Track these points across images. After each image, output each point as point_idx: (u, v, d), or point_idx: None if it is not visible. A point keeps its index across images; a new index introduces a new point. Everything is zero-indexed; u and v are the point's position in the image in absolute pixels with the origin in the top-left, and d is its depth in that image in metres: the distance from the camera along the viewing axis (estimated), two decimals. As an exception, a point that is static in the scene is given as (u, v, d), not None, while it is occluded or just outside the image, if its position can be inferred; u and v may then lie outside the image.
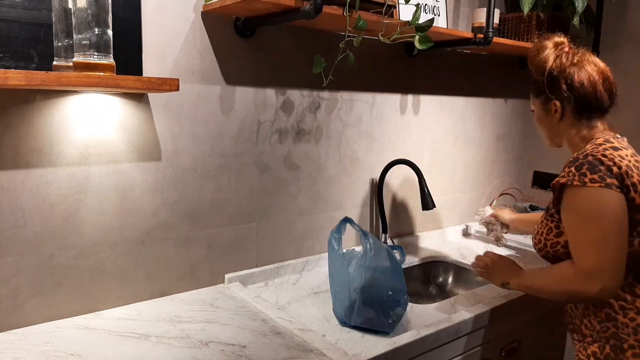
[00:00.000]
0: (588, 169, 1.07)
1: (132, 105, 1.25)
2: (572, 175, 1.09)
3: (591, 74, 1.16)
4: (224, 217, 1.45)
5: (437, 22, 1.62)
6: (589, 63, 1.17)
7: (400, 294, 1.22)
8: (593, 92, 1.16)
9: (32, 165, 1.13)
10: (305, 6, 1.19)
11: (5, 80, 0.89)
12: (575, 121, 1.20)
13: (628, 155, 1.11)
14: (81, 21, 0.98)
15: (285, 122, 1.53)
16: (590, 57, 1.19)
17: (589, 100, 1.17)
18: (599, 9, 2.03)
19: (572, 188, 1.09)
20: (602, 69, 1.18)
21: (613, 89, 1.19)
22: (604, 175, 1.06)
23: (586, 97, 1.16)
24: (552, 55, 1.20)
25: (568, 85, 1.17)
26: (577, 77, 1.16)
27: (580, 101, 1.17)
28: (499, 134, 2.25)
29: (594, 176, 1.06)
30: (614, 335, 1.11)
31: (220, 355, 1.06)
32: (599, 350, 1.13)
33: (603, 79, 1.17)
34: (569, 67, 1.17)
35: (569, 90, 1.17)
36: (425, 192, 1.63)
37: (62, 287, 1.21)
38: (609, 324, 1.12)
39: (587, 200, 1.07)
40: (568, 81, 1.17)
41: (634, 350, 1.08)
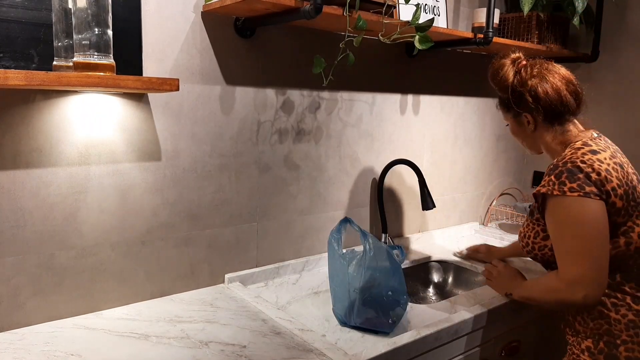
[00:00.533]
0: (567, 177, 1.09)
1: (132, 105, 1.25)
2: (552, 185, 1.11)
3: (553, 82, 1.19)
4: (224, 217, 1.45)
5: (437, 22, 1.62)
6: (549, 72, 1.20)
7: (400, 294, 1.22)
8: (559, 99, 1.18)
9: (32, 165, 1.13)
10: (305, 6, 1.19)
11: (5, 80, 0.89)
12: (548, 128, 1.23)
13: (607, 159, 1.13)
14: (81, 21, 0.98)
15: (285, 122, 1.53)
16: (549, 66, 1.22)
17: (556, 108, 1.19)
18: (599, 9, 2.03)
19: (552, 197, 1.11)
20: (563, 75, 1.21)
21: (578, 90, 1.21)
22: (582, 183, 1.08)
23: (553, 104, 1.19)
24: (511, 72, 1.23)
25: (533, 97, 1.19)
26: (540, 88, 1.18)
27: (549, 110, 1.20)
28: (499, 134, 2.25)
29: (572, 185, 1.08)
30: (608, 331, 1.13)
31: (220, 355, 1.06)
32: (593, 345, 1.15)
33: (566, 84, 1.19)
34: (530, 79, 1.20)
35: (535, 102, 1.19)
36: (425, 192, 1.63)
37: (62, 287, 1.21)
38: (602, 321, 1.14)
39: (567, 209, 1.09)
40: (532, 93, 1.19)
41: (626, 345, 1.10)
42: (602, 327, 1.14)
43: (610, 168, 1.11)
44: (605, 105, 2.11)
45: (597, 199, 1.08)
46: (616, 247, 1.12)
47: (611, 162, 1.13)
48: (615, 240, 1.12)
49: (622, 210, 1.10)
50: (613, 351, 1.12)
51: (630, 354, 1.10)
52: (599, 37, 2.05)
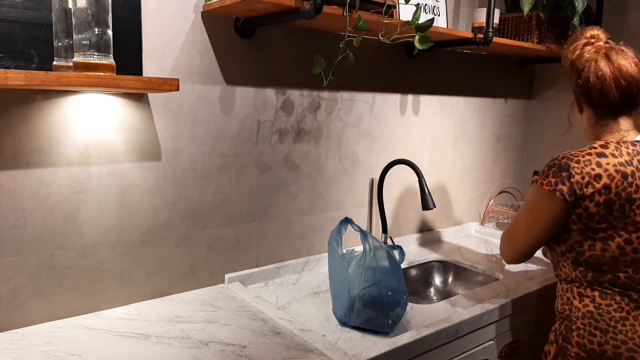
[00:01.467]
0: (553, 172, 1.15)
1: (132, 105, 1.25)
2: (542, 174, 1.19)
3: (603, 69, 1.14)
4: (224, 217, 1.45)
5: (437, 22, 1.62)
6: (605, 59, 1.14)
7: (399, 294, 1.22)
8: (598, 89, 1.15)
9: (32, 165, 1.13)
10: (305, 6, 1.19)
11: (5, 80, 0.89)
12: (591, 116, 1.21)
13: (610, 164, 1.10)
14: (81, 21, 0.98)
15: (285, 122, 1.53)
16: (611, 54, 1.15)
17: (595, 96, 1.16)
18: (599, 9, 2.03)
19: (534, 183, 1.21)
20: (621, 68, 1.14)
21: (633, 90, 1.14)
22: (559, 181, 1.13)
23: (591, 91, 1.16)
24: (577, 49, 1.20)
25: (577, 77, 1.18)
26: (586, 70, 1.16)
27: (587, 95, 1.17)
28: (499, 134, 2.25)
29: (551, 179, 1.14)
30: (567, 317, 1.22)
31: (220, 355, 1.07)
32: (557, 327, 1.25)
33: (617, 77, 1.13)
34: (584, 60, 1.17)
35: (576, 82, 1.19)
36: (425, 192, 1.63)
37: (62, 287, 1.21)
38: (566, 307, 1.23)
39: (532, 195, 1.20)
40: (578, 73, 1.18)
41: (579, 332, 1.18)
42: (565, 312, 1.22)
43: (604, 174, 1.10)
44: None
45: (561, 199, 1.12)
46: (591, 249, 1.15)
47: (612, 170, 1.10)
48: (591, 243, 1.15)
49: (597, 216, 1.11)
50: (568, 335, 1.20)
51: (580, 340, 1.16)
52: (599, 37, 2.05)
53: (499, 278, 1.65)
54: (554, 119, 2.33)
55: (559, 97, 2.31)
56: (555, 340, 1.22)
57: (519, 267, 1.74)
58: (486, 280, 1.69)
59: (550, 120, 2.35)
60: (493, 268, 1.73)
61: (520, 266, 1.75)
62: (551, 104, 2.34)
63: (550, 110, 2.35)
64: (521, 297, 1.43)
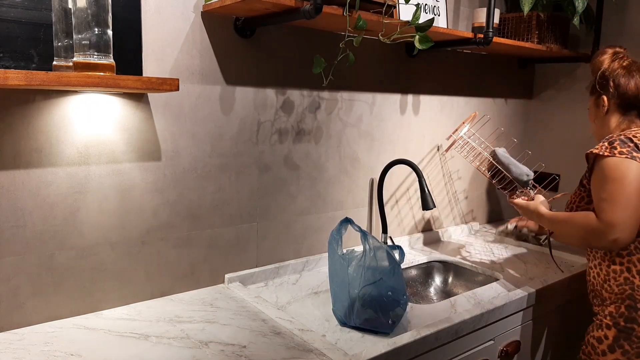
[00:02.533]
0: (619, 144, 1.25)
1: (132, 105, 1.25)
2: (605, 148, 1.27)
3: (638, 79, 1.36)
4: (224, 217, 1.45)
5: (437, 22, 1.62)
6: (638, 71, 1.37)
7: (399, 294, 1.22)
8: (635, 94, 1.36)
9: (32, 165, 1.13)
10: (305, 6, 1.19)
11: (5, 80, 0.89)
12: (617, 115, 1.39)
13: None
14: (81, 21, 0.98)
15: (285, 122, 1.53)
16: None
17: (630, 99, 1.36)
18: (599, 9, 2.03)
19: (602, 157, 1.26)
20: None
21: None
22: (631, 150, 1.24)
23: (628, 95, 1.36)
24: (608, 60, 1.41)
25: (615, 84, 1.37)
26: (624, 79, 1.36)
27: (623, 98, 1.36)
28: (499, 133, 2.25)
29: (622, 149, 1.24)
30: (630, 296, 1.27)
31: (220, 355, 1.07)
32: (615, 310, 1.28)
33: None
34: (618, 69, 1.38)
35: (615, 88, 1.37)
36: (425, 192, 1.63)
37: (62, 287, 1.21)
38: (626, 287, 1.28)
39: (614, 166, 1.24)
40: (616, 81, 1.37)
41: None
42: (626, 292, 1.27)
43: None
44: (605, 105, 2.10)
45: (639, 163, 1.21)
46: None
47: None
48: None
49: None
50: (632, 314, 1.25)
51: None
52: (599, 37, 2.05)
53: (499, 278, 1.65)
54: (554, 119, 2.33)
55: (559, 97, 2.31)
56: (615, 323, 1.27)
57: (519, 267, 1.74)
58: (486, 280, 1.69)
59: (550, 120, 2.35)
60: (493, 268, 1.73)
61: (520, 266, 1.75)
62: (551, 104, 2.34)
63: (550, 110, 2.35)
64: (521, 297, 1.43)
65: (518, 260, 1.81)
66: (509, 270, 1.70)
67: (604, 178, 1.25)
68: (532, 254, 1.89)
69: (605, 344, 1.28)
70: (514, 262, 1.79)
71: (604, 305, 1.33)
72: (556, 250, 1.84)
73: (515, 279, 1.62)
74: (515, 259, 1.83)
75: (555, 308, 1.62)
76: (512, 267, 1.74)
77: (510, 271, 1.70)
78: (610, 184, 1.23)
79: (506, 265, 1.76)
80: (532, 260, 1.82)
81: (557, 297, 1.60)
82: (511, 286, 1.54)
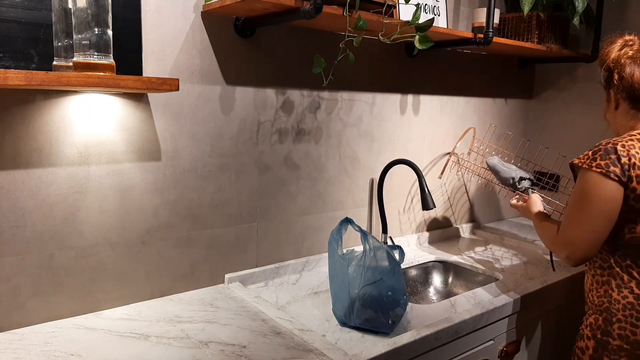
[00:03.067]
0: (600, 155, 1.17)
1: (132, 105, 1.25)
2: (586, 159, 1.20)
3: None
4: (224, 217, 1.45)
5: (437, 22, 1.62)
6: None
7: (399, 294, 1.22)
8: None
9: (32, 165, 1.13)
10: (305, 6, 1.19)
11: (5, 80, 0.89)
12: (627, 110, 1.26)
13: None
14: (81, 21, 0.98)
15: (285, 122, 1.53)
16: None
17: (636, 91, 1.23)
18: (599, 9, 2.03)
19: (580, 169, 1.21)
20: None
21: None
22: (609, 163, 1.16)
23: (633, 87, 1.23)
24: (615, 50, 1.27)
25: (619, 76, 1.25)
26: (628, 69, 1.23)
27: (629, 92, 1.24)
28: (499, 133, 2.25)
29: (601, 162, 1.16)
30: (607, 309, 1.23)
31: (220, 355, 1.06)
32: (594, 322, 1.26)
33: None
34: (622, 59, 1.24)
35: (619, 81, 1.25)
36: (425, 192, 1.63)
37: (62, 287, 1.21)
38: (604, 299, 1.24)
39: (586, 181, 1.18)
40: (620, 73, 1.25)
41: (620, 324, 1.20)
42: (604, 305, 1.24)
43: None
44: (605, 105, 2.10)
45: (616, 180, 1.14)
46: (631, 232, 1.18)
47: None
48: (632, 226, 1.18)
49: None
50: (608, 328, 1.22)
51: (622, 332, 1.20)
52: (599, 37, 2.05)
53: (499, 278, 1.65)
54: (554, 119, 2.33)
55: (559, 97, 2.31)
56: (593, 335, 1.25)
57: (519, 268, 1.74)
58: (486, 280, 1.69)
59: (550, 120, 2.34)
60: (493, 268, 1.73)
61: (520, 266, 1.75)
62: (551, 104, 2.34)
63: (550, 110, 2.35)
64: (521, 297, 1.43)
65: (518, 261, 1.81)
66: (509, 271, 1.70)
67: (575, 192, 1.21)
68: (532, 255, 1.89)
69: (587, 354, 1.26)
70: (514, 262, 1.80)
71: (587, 314, 1.30)
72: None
73: (515, 279, 1.62)
74: (515, 259, 1.83)
75: (555, 308, 1.62)
76: (512, 267, 1.74)
77: (510, 271, 1.70)
78: (578, 200, 1.20)
79: (506, 266, 1.76)
80: (532, 260, 1.82)
81: (556, 298, 1.60)
82: (511, 286, 1.54)
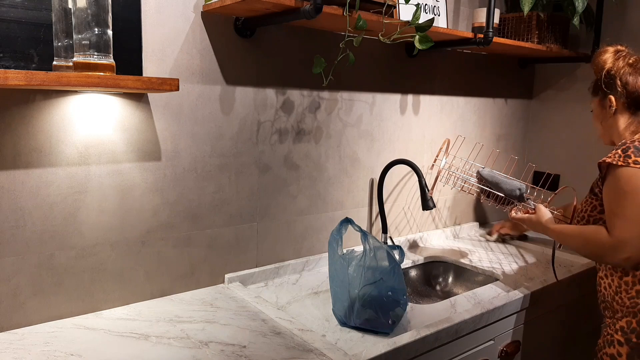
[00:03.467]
0: (633, 152, 1.18)
1: (132, 105, 1.25)
2: (618, 157, 1.20)
3: None
4: (224, 217, 1.45)
5: (437, 22, 1.62)
6: None
7: (399, 294, 1.22)
8: None
9: (32, 165, 1.13)
10: (305, 6, 1.19)
11: (5, 80, 0.89)
12: (626, 115, 1.32)
13: None
14: (81, 21, 0.98)
15: (285, 122, 1.53)
16: None
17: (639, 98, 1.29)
18: (599, 9, 2.03)
19: (616, 167, 1.20)
20: None
21: None
22: None
23: (637, 93, 1.28)
24: (611, 58, 1.34)
25: (623, 83, 1.30)
26: (632, 77, 1.29)
27: (632, 97, 1.29)
28: (499, 133, 2.25)
29: (637, 158, 1.17)
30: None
31: (220, 355, 1.07)
32: (626, 325, 1.23)
33: None
34: (625, 67, 1.31)
35: (623, 87, 1.30)
36: (425, 192, 1.63)
37: (62, 287, 1.21)
38: (638, 300, 1.22)
39: (628, 178, 1.17)
40: (623, 79, 1.30)
41: None
42: (638, 306, 1.22)
43: None
44: (605, 105, 2.10)
45: None
46: None
47: None
48: None
49: None
50: None
51: None
52: (599, 37, 2.05)
53: (499, 278, 1.65)
54: (554, 119, 2.33)
55: (559, 97, 2.31)
56: (627, 339, 1.22)
57: (519, 268, 1.74)
58: (486, 280, 1.69)
59: (550, 120, 2.35)
60: (493, 268, 1.73)
61: (520, 266, 1.75)
62: (551, 104, 2.34)
63: (550, 110, 2.35)
64: (521, 297, 1.43)
65: (518, 261, 1.81)
66: (509, 271, 1.71)
67: (617, 190, 1.19)
68: (532, 255, 1.89)
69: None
70: (514, 262, 1.80)
71: (615, 319, 1.27)
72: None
73: (515, 279, 1.62)
74: (515, 259, 1.83)
75: (555, 308, 1.62)
76: (512, 267, 1.74)
77: (510, 271, 1.70)
78: (623, 197, 1.17)
79: (506, 266, 1.76)
80: (532, 260, 1.82)
81: (556, 298, 1.60)
82: (511, 286, 1.54)
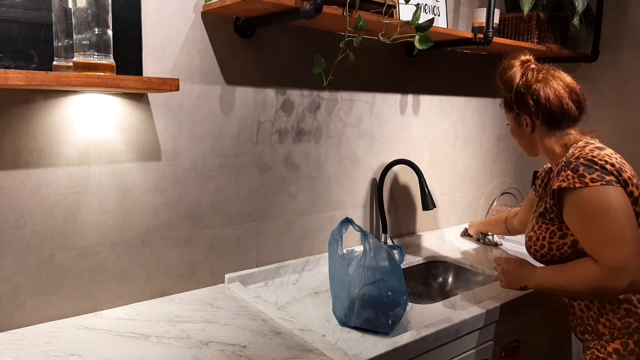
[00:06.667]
0: (584, 170, 1.09)
1: (132, 105, 1.25)
2: (572, 179, 1.10)
3: (556, 88, 1.20)
4: (224, 217, 1.45)
5: (437, 22, 1.62)
6: (554, 78, 1.21)
7: (399, 294, 1.22)
8: (559, 106, 1.20)
9: (32, 165, 1.13)
10: (305, 6, 1.19)
11: (5, 80, 0.89)
12: (547, 132, 1.24)
13: (613, 154, 1.15)
14: (81, 21, 0.98)
15: (285, 122, 1.53)
16: (555, 72, 1.23)
17: (556, 114, 1.21)
18: (599, 9, 2.03)
19: (574, 191, 1.10)
20: (568, 83, 1.22)
21: (581, 100, 1.23)
22: (601, 174, 1.08)
23: (553, 110, 1.20)
24: (518, 73, 1.25)
25: (535, 101, 1.21)
26: (542, 92, 1.20)
27: (548, 115, 1.21)
28: (499, 133, 2.25)
29: (592, 176, 1.08)
30: (637, 329, 1.12)
31: (220, 355, 1.07)
32: (622, 347, 1.13)
33: (569, 92, 1.21)
34: (534, 83, 1.21)
35: (535, 106, 1.21)
36: (425, 192, 1.63)
37: (62, 287, 1.21)
38: (630, 319, 1.13)
39: (592, 199, 1.08)
40: (534, 97, 1.21)
41: None
42: (632, 326, 1.13)
43: (620, 161, 1.13)
44: (605, 105, 2.11)
45: (618, 186, 1.08)
46: None
47: (618, 157, 1.15)
48: None
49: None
50: None
51: None
52: (599, 37, 2.05)
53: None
54: (554, 119, 2.33)
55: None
56: None
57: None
58: (486, 280, 1.69)
59: (550, 120, 2.34)
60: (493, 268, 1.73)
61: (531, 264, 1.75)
62: (551, 104, 2.34)
63: (550, 110, 2.34)
64: (521, 297, 1.43)
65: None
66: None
67: (586, 215, 1.08)
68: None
69: None
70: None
71: (602, 341, 1.17)
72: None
73: (515, 279, 1.62)
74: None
75: (556, 308, 1.62)
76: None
77: (510, 271, 1.70)
78: (596, 220, 1.06)
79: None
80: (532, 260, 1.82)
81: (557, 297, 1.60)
82: (511, 286, 1.54)
